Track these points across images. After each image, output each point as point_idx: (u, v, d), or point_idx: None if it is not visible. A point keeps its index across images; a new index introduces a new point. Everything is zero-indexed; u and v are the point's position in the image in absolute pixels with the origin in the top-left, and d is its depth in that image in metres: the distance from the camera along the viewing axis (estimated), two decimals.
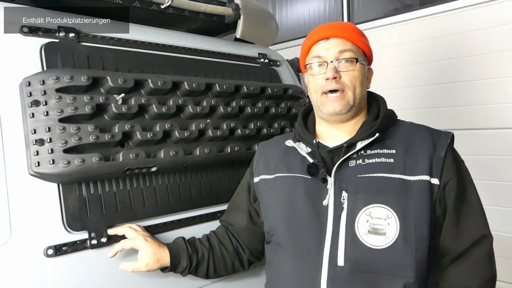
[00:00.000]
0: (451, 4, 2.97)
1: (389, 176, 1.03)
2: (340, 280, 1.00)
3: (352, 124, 1.12)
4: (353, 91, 1.08)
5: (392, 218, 1.00)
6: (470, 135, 2.94)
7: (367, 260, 1.00)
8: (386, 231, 0.99)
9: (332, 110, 1.07)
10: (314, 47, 1.13)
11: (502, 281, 2.79)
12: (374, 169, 1.04)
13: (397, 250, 0.98)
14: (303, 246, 1.07)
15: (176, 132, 1.34)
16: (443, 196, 1.03)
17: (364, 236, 1.00)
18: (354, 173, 1.05)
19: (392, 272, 0.99)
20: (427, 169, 1.02)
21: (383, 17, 3.42)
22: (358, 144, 1.07)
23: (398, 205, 1.00)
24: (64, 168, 1.09)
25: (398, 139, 1.09)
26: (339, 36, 1.10)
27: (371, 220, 1.00)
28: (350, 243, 1.01)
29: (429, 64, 3.14)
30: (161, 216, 1.34)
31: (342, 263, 1.01)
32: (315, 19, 4.07)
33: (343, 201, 1.03)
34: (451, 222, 1.05)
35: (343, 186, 1.05)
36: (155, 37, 1.49)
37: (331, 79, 1.06)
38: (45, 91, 1.11)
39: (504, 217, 2.81)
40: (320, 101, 1.10)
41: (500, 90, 2.79)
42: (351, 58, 1.08)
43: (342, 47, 1.09)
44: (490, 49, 2.81)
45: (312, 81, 1.13)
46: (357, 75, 1.08)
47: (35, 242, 1.08)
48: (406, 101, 3.26)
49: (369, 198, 1.02)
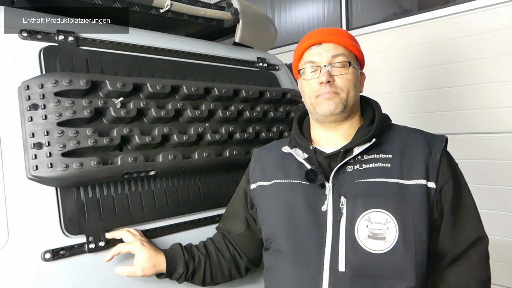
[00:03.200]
0: (450, 9, 2.99)
1: (387, 181, 1.04)
2: (341, 286, 1.00)
3: (346, 127, 1.13)
4: (347, 93, 1.09)
5: (391, 223, 1.00)
6: (467, 139, 2.95)
7: (368, 265, 1.00)
8: (385, 235, 1.00)
9: (327, 109, 1.08)
10: (307, 53, 1.14)
11: (496, 285, 2.79)
12: (371, 174, 1.05)
13: (397, 254, 0.99)
14: (303, 252, 1.07)
15: (174, 136, 1.34)
16: (439, 199, 1.04)
17: (364, 241, 1.00)
18: (352, 178, 1.06)
19: (393, 276, 0.99)
20: (424, 173, 1.03)
21: (381, 22, 3.43)
22: (355, 149, 1.08)
23: (397, 210, 1.01)
24: (62, 172, 1.09)
25: (394, 143, 1.10)
26: (332, 41, 1.11)
27: (371, 225, 1.01)
28: (351, 249, 1.01)
29: (427, 68, 3.15)
30: (159, 220, 1.34)
31: (343, 268, 1.00)
32: (314, 23, 4.08)
33: (342, 207, 1.03)
34: (448, 225, 1.05)
35: (341, 192, 1.05)
36: (154, 41, 1.50)
37: (325, 83, 1.07)
38: (43, 94, 1.11)
39: (498, 221, 2.81)
40: (315, 102, 1.11)
41: (497, 94, 2.80)
42: (344, 62, 1.09)
43: (334, 52, 1.10)
44: (487, 54, 2.83)
45: (306, 86, 1.13)
46: (351, 78, 1.09)
47: (33, 246, 1.08)
48: (404, 105, 3.27)
49: (368, 203, 1.02)
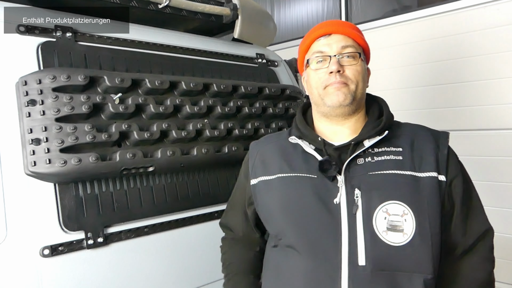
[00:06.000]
0: (449, 5, 2.98)
1: (401, 173, 1.03)
2: (361, 280, 0.98)
3: (353, 121, 1.11)
4: (356, 85, 1.07)
5: (408, 215, 0.99)
6: (468, 135, 2.95)
7: (388, 258, 0.99)
8: (403, 227, 0.99)
9: (337, 99, 1.05)
10: (315, 43, 1.12)
11: (499, 282, 2.80)
12: (385, 166, 1.04)
13: (415, 246, 0.98)
14: (319, 247, 1.03)
15: (173, 132, 1.34)
16: (450, 192, 1.05)
17: (383, 233, 0.99)
18: (365, 171, 1.04)
19: (412, 269, 0.98)
20: (434, 166, 1.04)
21: (381, 18, 3.42)
22: (366, 142, 1.06)
23: (413, 201, 1.00)
24: (60, 167, 1.09)
25: (403, 137, 1.09)
26: (341, 32, 1.09)
27: (389, 217, 0.99)
28: (370, 241, 0.99)
29: (427, 65, 3.14)
30: (158, 216, 1.34)
31: (363, 262, 0.98)
32: (313, 19, 4.07)
33: (356, 199, 1.02)
34: (460, 218, 1.06)
35: (354, 184, 1.03)
36: (152, 37, 1.49)
37: (335, 72, 1.04)
38: (41, 90, 1.11)
39: (501, 217, 2.82)
40: (323, 93, 1.08)
41: (498, 91, 2.80)
42: (353, 53, 1.07)
43: (344, 43, 1.08)
44: (487, 50, 2.82)
45: (313, 76, 1.10)
46: (360, 70, 1.07)
47: (31, 242, 1.08)
48: (404, 102, 3.27)
49: (384, 195, 1.01)
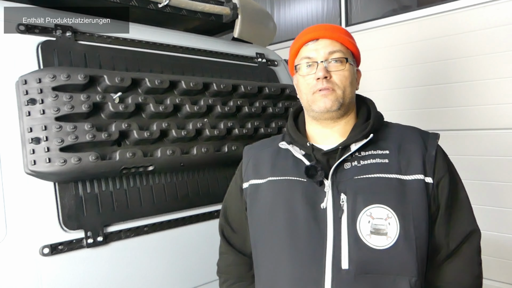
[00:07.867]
0: (449, 5, 2.98)
1: (386, 177, 1.04)
2: (344, 284, 0.99)
3: (343, 124, 1.13)
4: (343, 90, 1.08)
5: (392, 218, 1.00)
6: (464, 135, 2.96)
7: (372, 261, 1.00)
8: (387, 231, 1.00)
9: (324, 106, 1.07)
10: (304, 48, 1.13)
11: (488, 279, 2.80)
12: (370, 170, 1.05)
13: (399, 249, 0.99)
14: (304, 251, 1.05)
15: (173, 131, 1.34)
16: (436, 194, 1.05)
17: (367, 237, 1.00)
18: (351, 175, 1.06)
19: (396, 271, 0.99)
20: (421, 168, 1.04)
21: (381, 18, 3.42)
22: (353, 146, 1.07)
23: (397, 205, 1.01)
24: (60, 166, 1.09)
25: (390, 139, 1.10)
26: (329, 37, 1.10)
27: (373, 221, 1.00)
28: (354, 245, 1.00)
29: (426, 65, 3.15)
30: (158, 216, 1.34)
31: (347, 266, 1.00)
32: (313, 19, 4.07)
33: (342, 203, 1.03)
34: (443, 219, 1.06)
35: (341, 188, 1.05)
36: (152, 36, 1.49)
37: (321, 78, 1.06)
38: (41, 89, 1.11)
39: (491, 216, 2.82)
40: (311, 99, 1.10)
41: (496, 91, 2.80)
42: (340, 58, 1.09)
43: (331, 48, 1.09)
44: (486, 50, 2.82)
45: (302, 82, 1.13)
46: (347, 75, 1.09)
47: (31, 241, 1.08)
48: (402, 102, 3.28)
49: (368, 199, 1.02)
